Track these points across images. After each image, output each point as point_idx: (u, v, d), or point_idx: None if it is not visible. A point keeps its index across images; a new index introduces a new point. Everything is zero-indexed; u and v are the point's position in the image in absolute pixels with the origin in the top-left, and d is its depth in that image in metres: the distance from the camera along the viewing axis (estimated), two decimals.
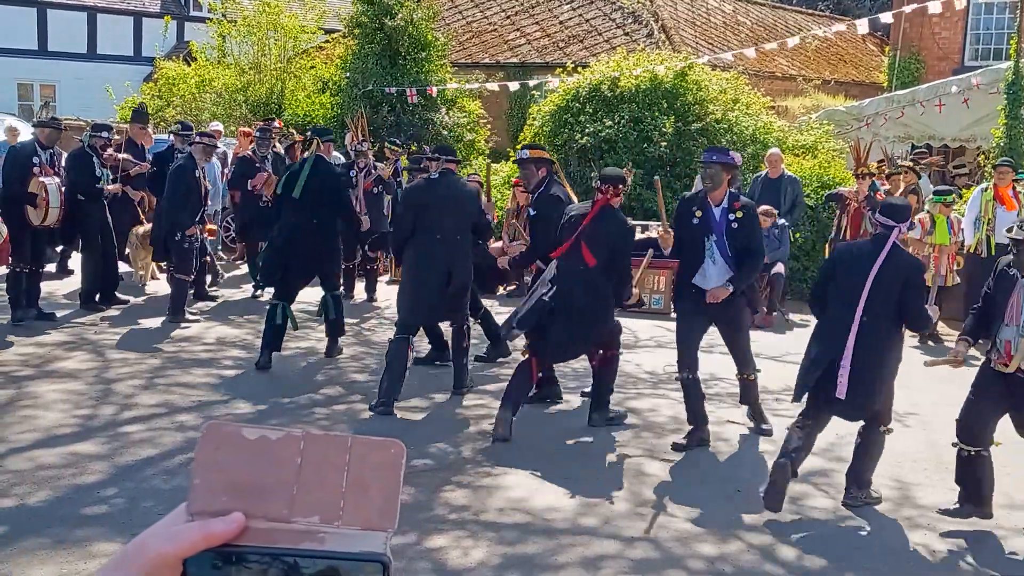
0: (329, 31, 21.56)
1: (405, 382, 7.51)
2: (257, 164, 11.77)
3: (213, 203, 11.83)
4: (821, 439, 6.19)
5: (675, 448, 6.90)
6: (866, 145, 13.25)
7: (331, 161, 9.91)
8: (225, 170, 13.21)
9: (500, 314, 11.01)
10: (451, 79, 17.59)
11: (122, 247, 11.40)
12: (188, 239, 10.21)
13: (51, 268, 11.93)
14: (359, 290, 12.08)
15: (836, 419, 6.11)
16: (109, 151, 11.06)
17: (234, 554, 0.74)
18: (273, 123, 13.09)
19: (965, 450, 5.67)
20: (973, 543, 5.58)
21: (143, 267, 12.12)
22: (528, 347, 7.42)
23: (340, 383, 8.31)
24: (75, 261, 11.70)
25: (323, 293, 8.87)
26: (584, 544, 5.27)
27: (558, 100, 15.18)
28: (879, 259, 5.82)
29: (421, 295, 7.66)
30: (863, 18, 14.33)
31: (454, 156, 8.57)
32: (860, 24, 14.00)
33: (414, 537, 5.21)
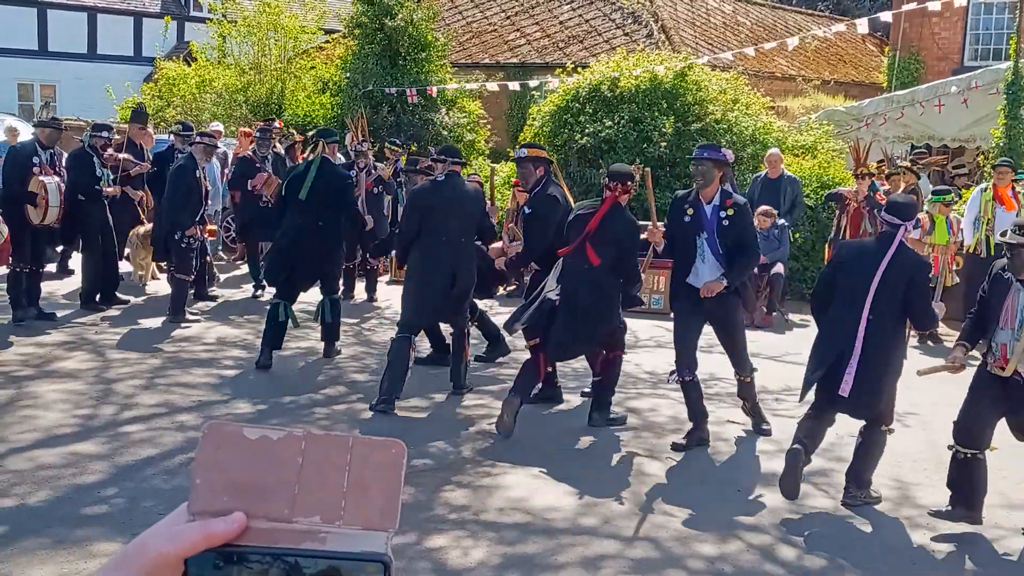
0: (329, 31, 21.55)
1: (405, 382, 7.52)
2: (257, 164, 11.77)
3: (213, 203, 11.83)
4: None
5: (675, 448, 6.90)
6: (866, 145, 13.24)
7: (335, 162, 9.94)
8: (225, 170, 13.21)
9: (500, 314, 11.03)
10: (451, 79, 17.59)
11: (122, 247, 11.41)
12: (188, 239, 10.22)
13: (51, 268, 11.92)
14: (359, 290, 12.08)
15: (837, 419, 6.12)
16: (109, 151, 11.06)
17: (235, 554, 0.75)
18: (273, 123, 13.10)
19: (962, 453, 5.65)
20: (972, 543, 5.58)
21: (143, 267, 12.12)
22: (533, 345, 7.43)
23: (340, 383, 8.31)
24: (75, 261, 11.70)
25: (322, 296, 8.87)
26: (584, 544, 5.27)
27: (558, 100, 15.18)
28: (886, 257, 5.82)
29: (425, 296, 7.67)
30: (863, 18, 14.31)
31: (460, 158, 8.56)
32: (860, 24, 13.99)
33: (414, 537, 5.21)
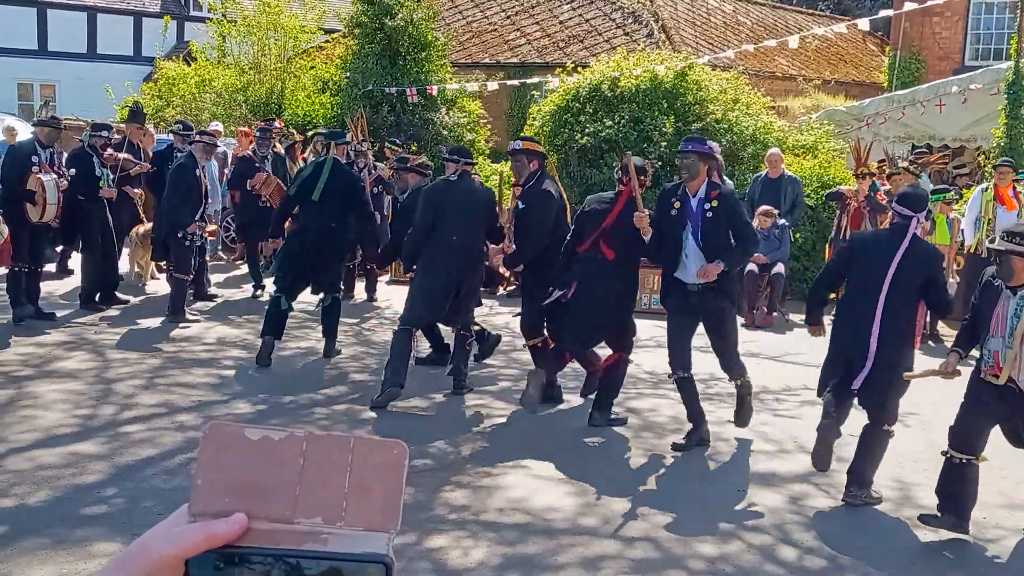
0: (329, 31, 21.55)
1: (407, 374, 7.52)
2: (257, 164, 11.77)
3: (213, 202, 11.83)
4: None
5: (675, 448, 6.90)
6: (866, 145, 13.25)
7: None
8: (225, 170, 13.21)
9: (500, 314, 11.04)
10: (451, 79, 17.58)
11: (121, 247, 11.40)
12: (188, 237, 10.22)
13: (51, 268, 11.92)
14: (359, 290, 12.08)
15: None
16: (109, 151, 11.06)
17: (236, 555, 0.74)
18: (273, 123, 13.11)
19: (957, 458, 5.61)
20: (973, 543, 5.58)
21: (142, 266, 12.11)
22: (550, 337, 7.51)
23: (340, 383, 8.31)
24: (75, 261, 11.70)
25: (323, 294, 8.90)
26: (584, 544, 5.26)
27: (558, 100, 15.17)
28: (901, 248, 5.84)
29: (432, 295, 7.67)
30: (864, 18, 14.32)
31: (471, 159, 8.50)
32: (861, 23, 13.99)
33: (414, 537, 5.20)
